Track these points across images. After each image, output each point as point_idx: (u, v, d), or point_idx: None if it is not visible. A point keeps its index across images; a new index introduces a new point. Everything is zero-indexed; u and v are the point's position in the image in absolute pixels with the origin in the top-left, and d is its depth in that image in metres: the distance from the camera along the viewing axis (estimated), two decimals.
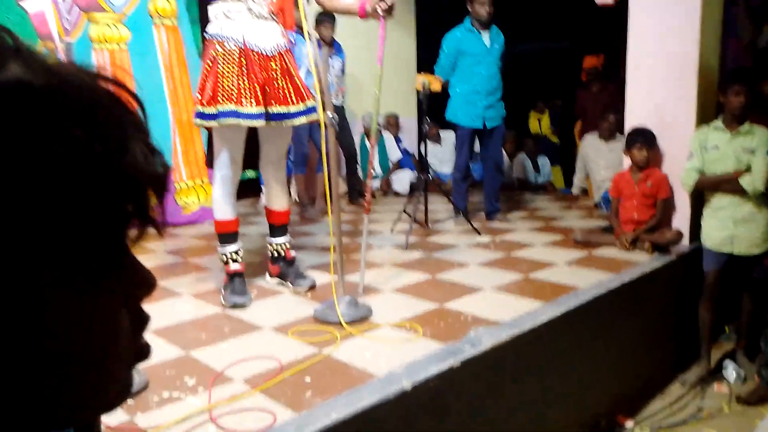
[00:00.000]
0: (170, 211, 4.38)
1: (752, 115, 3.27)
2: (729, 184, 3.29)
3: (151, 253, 3.61)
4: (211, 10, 2.62)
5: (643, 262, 3.39)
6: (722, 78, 3.64)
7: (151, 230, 0.42)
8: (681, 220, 3.72)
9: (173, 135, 4.39)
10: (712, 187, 3.39)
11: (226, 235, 2.79)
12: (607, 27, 5.51)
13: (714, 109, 3.61)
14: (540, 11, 8.14)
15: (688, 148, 3.45)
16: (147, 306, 0.43)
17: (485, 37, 4.27)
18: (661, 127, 3.69)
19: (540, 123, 6.89)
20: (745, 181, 3.22)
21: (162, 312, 2.58)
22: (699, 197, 3.56)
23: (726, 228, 3.34)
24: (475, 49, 4.25)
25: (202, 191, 4.54)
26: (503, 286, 2.95)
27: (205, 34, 2.67)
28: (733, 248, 3.33)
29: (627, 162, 3.80)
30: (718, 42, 3.76)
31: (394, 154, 6.25)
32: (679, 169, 3.52)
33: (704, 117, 3.60)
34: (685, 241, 3.66)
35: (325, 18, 4.56)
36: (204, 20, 2.76)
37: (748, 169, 3.23)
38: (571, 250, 3.65)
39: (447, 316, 2.54)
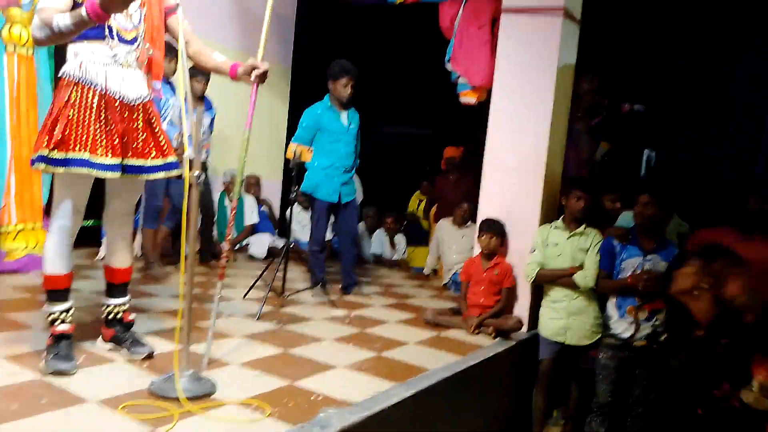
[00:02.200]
0: None
1: (591, 224, 3.64)
2: (564, 279, 3.60)
3: None
4: (71, 48, 2.42)
5: (487, 346, 3.54)
6: (564, 183, 4.04)
7: None
8: (522, 309, 3.98)
9: (8, 172, 3.94)
10: (550, 281, 3.68)
11: (56, 292, 2.49)
12: (468, 121, 5.94)
13: (556, 210, 3.98)
14: (405, 98, 8.64)
15: (532, 243, 3.75)
16: None
17: (343, 116, 4.43)
18: (510, 221, 3.98)
19: (419, 205, 7.12)
20: (578, 277, 3.55)
21: None
22: (538, 289, 3.84)
23: (560, 319, 3.63)
24: (334, 127, 4.38)
25: (32, 237, 4.07)
26: (356, 364, 2.92)
27: (61, 72, 2.45)
28: (566, 338, 3.62)
29: (477, 249, 4.02)
30: (562, 152, 4.20)
31: (252, 217, 6.11)
32: (523, 261, 3.80)
33: (547, 216, 3.95)
34: (525, 329, 3.90)
35: (199, 72, 4.46)
36: (60, 56, 2.54)
37: (582, 267, 3.57)
38: (422, 330, 3.73)
39: (297, 395, 2.44)
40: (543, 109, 3.91)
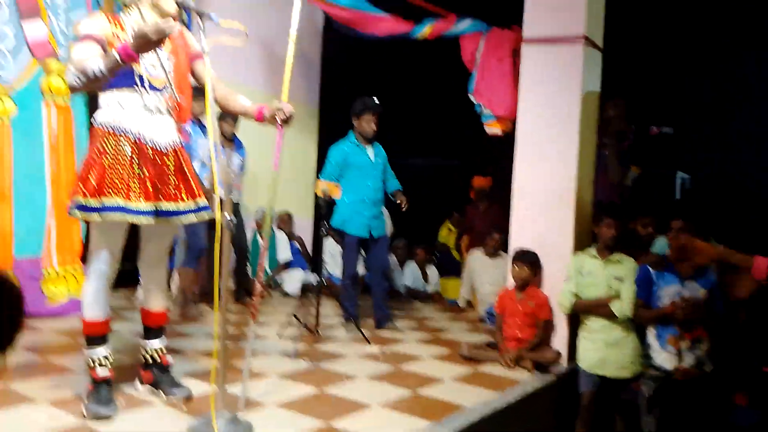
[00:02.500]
0: (33, 301, 3.97)
1: (624, 250, 3.58)
2: (601, 309, 3.54)
3: None
4: (104, 97, 2.51)
5: (525, 380, 3.48)
6: (595, 211, 4.00)
7: None
8: (560, 341, 3.90)
9: (48, 217, 4.07)
10: (586, 311, 3.62)
11: (95, 337, 2.54)
12: (495, 150, 5.95)
13: (589, 237, 3.92)
14: (432, 129, 8.71)
15: (566, 272, 3.70)
16: None
17: (369, 151, 4.49)
18: (543, 251, 3.93)
19: (450, 234, 7.10)
20: (615, 307, 3.48)
21: (11, 421, 2.26)
22: (576, 319, 3.77)
23: (598, 350, 3.55)
24: (361, 162, 4.44)
25: (73, 281, 4.18)
26: (391, 402, 2.89)
27: (93, 120, 2.53)
28: (605, 371, 3.53)
29: (511, 280, 3.98)
30: (591, 179, 4.17)
31: (284, 254, 6.17)
32: (558, 292, 3.74)
33: (580, 244, 3.89)
34: (564, 362, 3.82)
35: (228, 114, 4.57)
36: (93, 105, 2.63)
37: (619, 296, 3.50)
38: (458, 365, 3.68)
39: None
40: (569, 136, 3.90)
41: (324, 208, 4.20)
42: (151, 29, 2.17)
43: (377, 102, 4.43)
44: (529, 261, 3.89)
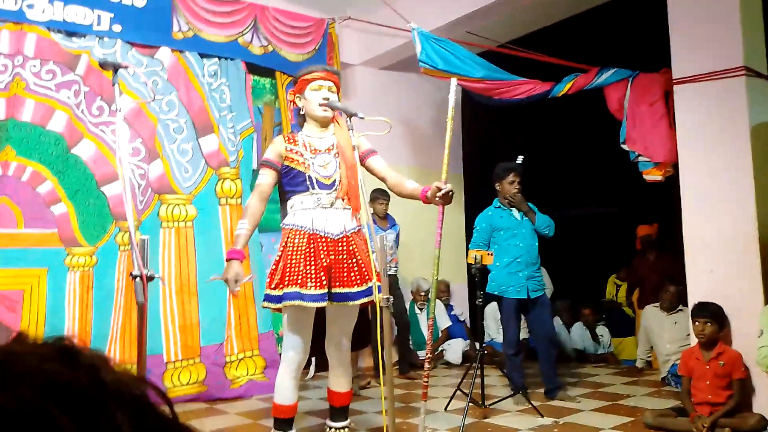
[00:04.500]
0: (218, 386, 4.33)
1: None
2: None
3: None
4: (289, 203, 2.84)
5: None
6: None
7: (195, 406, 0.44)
8: (762, 403, 3.42)
9: (229, 307, 4.47)
10: None
11: (282, 420, 2.76)
12: (657, 195, 5.56)
13: None
14: (585, 179, 8.36)
15: (758, 325, 3.28)
16: None
17: (514, 212, 4.39)
18: (727, 303, 3.54)
19: (618, 290, 6.68)
20: None
21: None
22: None
23: None
24: (508, 224, 4.36)
25: (251, 364, 4.50)
26: None
27: (282, 224, 2.86)
28: None
29: (694, 337, 3.61)
30: None
31: (444, 323, 6.15)
32: (750, 347, 3.32)
33: None
34: None
35: (379, 195, 4.79)
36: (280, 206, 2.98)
37: None
38: None
39: None
40: (742, 175, 3.55)
41: (477, 276, 4.16)
42: (228, 279, 2.62)
43: (519, 162, 4.38)
44: (713, 315, 3.51)
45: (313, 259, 2.68)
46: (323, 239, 2.72)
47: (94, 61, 4.08)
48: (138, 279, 1.86)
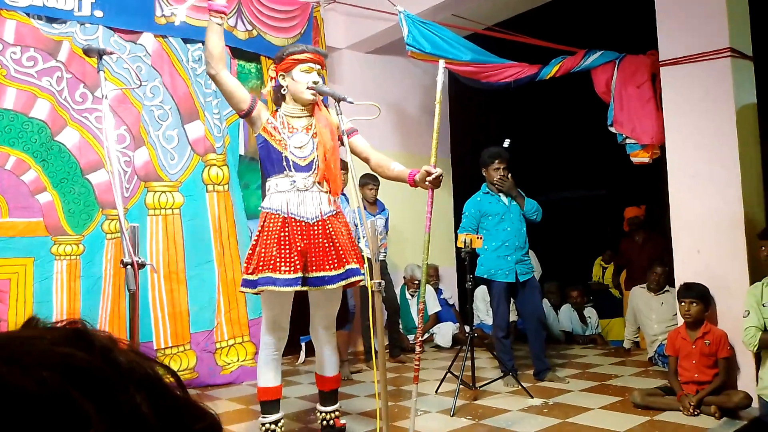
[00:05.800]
0: (209, 372, 4.33)
1: None
2: None
3: None
4: (266, 185, 2.80)
5: (714, 429, 3.13)
6: (761, 234, 3.58)
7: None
8: (747, 381, 3.49)
9: (218, 294, 4.45)
10: None
11: (268, 403, 2.74)
12: (643, 177, 5.60)
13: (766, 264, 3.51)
14: (572, 162, 8.39)
15: (744, 305, 3.33)
16: None
17: (502, 197, 4.41)
18: (713, 283, 3.59)
19: (604, 272, 6.73)
20: None
21: None
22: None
23: None
24: (496, 209, 4.38)
25: (242, 350, 4.50)
26: None
27: (260, 207, 2.83)
28: None
29: (681, 317, 3.65)
30: (760, 195, 3.76)
31: (433, 307, 6.18)
32: (736, 326, 3.37)
33: (756, 273, 3.49)
34: (754, 404, 3.39)
35: (369, 180, 4.77)
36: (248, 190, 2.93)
37: None
38: (632, 415, 3.40)
39: None
40: (728, 156, 3.58)
41: (467, 260, 4.17)
42: None
43: (504, 148, 4.39)
44: (698, 295, 3.56)
45: (287, 243, 2.65)
46: (298, 223, 2.68)
47: (76, 47, 4.01)
48: (129, 267, 1.84)
